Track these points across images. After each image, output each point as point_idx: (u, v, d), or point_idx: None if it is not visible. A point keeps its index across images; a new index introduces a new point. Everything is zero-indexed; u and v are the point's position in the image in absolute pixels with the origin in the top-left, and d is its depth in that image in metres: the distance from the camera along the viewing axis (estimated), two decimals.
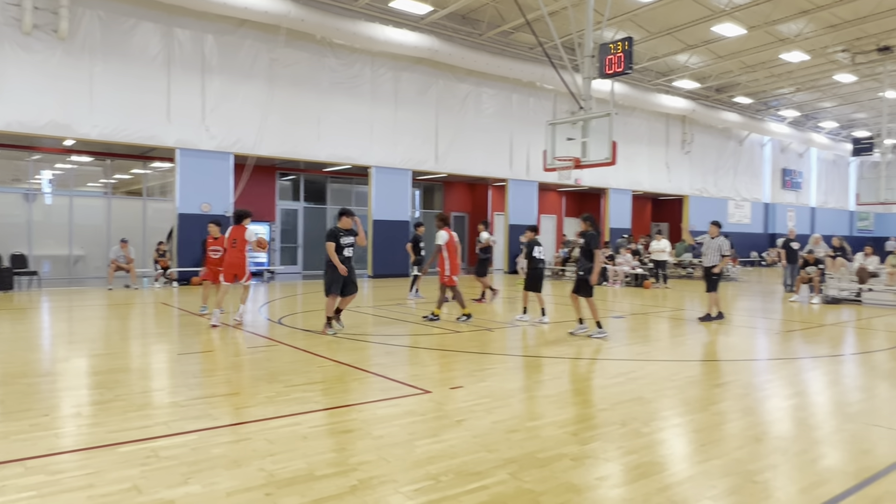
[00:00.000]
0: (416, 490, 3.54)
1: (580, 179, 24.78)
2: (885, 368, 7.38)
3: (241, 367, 6.95)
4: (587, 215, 9.60)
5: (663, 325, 10.93)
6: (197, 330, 9.31)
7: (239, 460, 3.96)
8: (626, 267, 19.42)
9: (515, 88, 23.61)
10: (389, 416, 5.00)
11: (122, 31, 15.99)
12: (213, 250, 11.04)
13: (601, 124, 13.15)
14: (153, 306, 12.47)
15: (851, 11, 19.52)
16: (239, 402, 5.36)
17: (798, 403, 5.69)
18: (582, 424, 4.86)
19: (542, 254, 10.45)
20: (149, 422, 4.73)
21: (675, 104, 27.28)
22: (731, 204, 33.02)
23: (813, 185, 38.40)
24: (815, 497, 3.54)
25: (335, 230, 8.82)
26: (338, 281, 8.77)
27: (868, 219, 42.00)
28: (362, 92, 19.95)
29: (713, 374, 6.88)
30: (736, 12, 19.19)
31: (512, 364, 7.29)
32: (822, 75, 26.33)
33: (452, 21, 20.33)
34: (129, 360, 7.21)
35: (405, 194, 21.27)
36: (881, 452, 4.31)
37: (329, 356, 7.40)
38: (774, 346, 9.08)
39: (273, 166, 21.61)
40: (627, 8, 18.81)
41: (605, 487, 3.67)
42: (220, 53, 17.40)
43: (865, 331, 10.56)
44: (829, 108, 32.77)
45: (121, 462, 3.90)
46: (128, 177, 20.22)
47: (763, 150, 34.90)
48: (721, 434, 4.68)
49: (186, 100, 16.94)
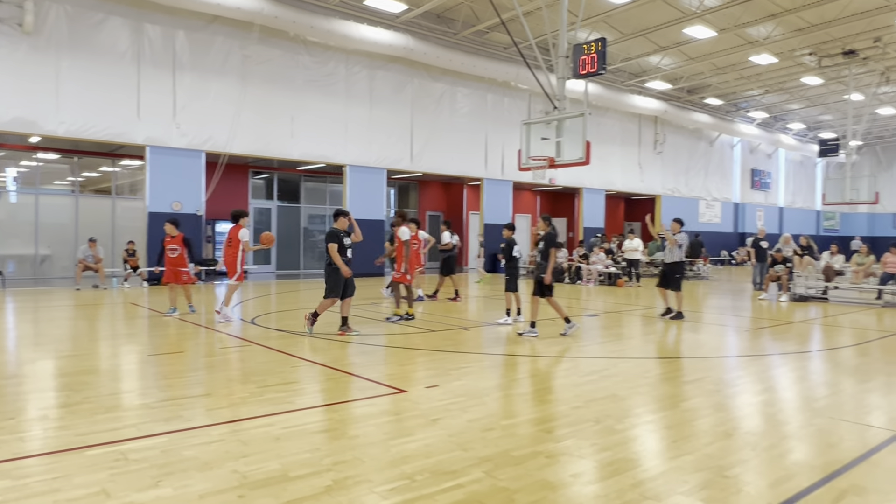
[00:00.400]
0: (391, 489, 3.53)
1: (554, 179, 24.94)
2: (850, 364, 7.56)
3: (214, 367, 6.85)
4: (545, 216, 9.75)
5: (636, 322, 11.05)
6: (167, 331, 9.16)
7: (211, 462, 3.90)
8: (599, 266, 19.60)
9: (490, 88, 23.68)
10: (364, 416, 4.97)
11: (90, 25, 15.67)
12: (171, 249, 10.94)
13: (575, 124, 13.26)
14: (122, 307, 12.24)
15: (817, 15, 19.96)
16: (211, 404, 5.28)
17: (767, 399, 5.80)
18: (556, 422, 4.89)
19: (518, 253, 10.50)
20: (117, 424, 4.64)
21: (648, 105, 27.63)
22: (702, 203, 33.54)
23: (781, 186, 39.19)
24: (783, 491, 3.61)
25: (336, 231, 8.80)
26: (340, 283, 8.73)
27: (834, 218, 43.00)
28: (337, 90, 19.83)
29: (685, 371, 6.97)
30: (707, 15, 19.48)
31: (487, 363, 7.31)
32: (790, 78, 26.89)
33: (427, 20, 20.31)
34: (97, 361, 7.06)
35: (380, 193, 21.19)
36: (847, 446, 4.41)
37: (303, 356, 7.34)
38: (744, 343, 9.25)
39: (246, 164, 21.38)
40: (601, 9, 18.98)
41: (580, 484, 3.70)
42: (192, 50, 17.14)
43: (832, 328, 10.80)
44: (797, 110, 33.48)
45: (89, 466, 3.82)
46: (96, 175, 19.82)
47: (733, 150, 35.51)
48: (692, 430, 4.74)
49: (157, 97, 16.65)
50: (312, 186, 23.80)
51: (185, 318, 10.35)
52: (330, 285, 8.80)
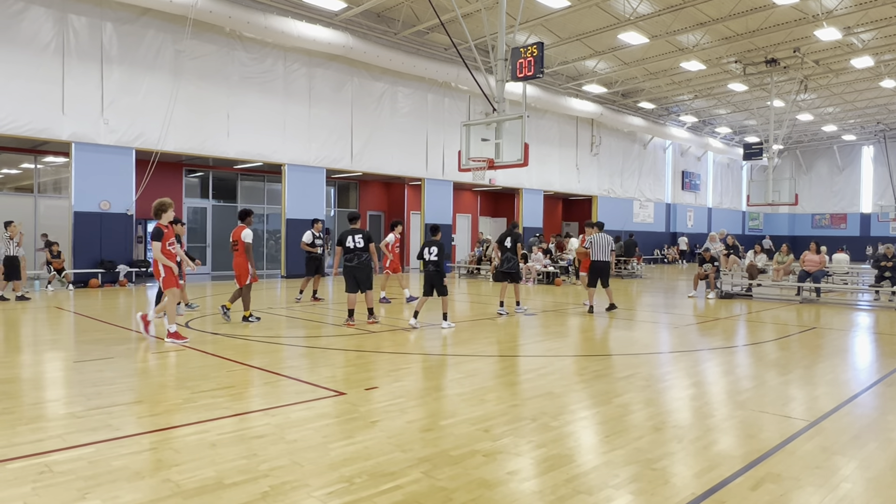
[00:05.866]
0: (329, 493, 3.52)
1: (494, 180, 25.26)
2: (772, 358, 7.98)
3: (145, 373, 6.64)
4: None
5: (573, 320, 11.33)
6: (96, 336, 8.81)
7: (142, 472, 3.79)
8: (538, 265, 19.96)
9: (431, 88, 23.75)
10: (302, 420, 4.93)
11: (9, 15, 14.87)
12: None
13: (514, 126, 13.45)
14: (46, 311, 11.67)
15: (742, 25, 20.93)
16: (142, 411, 5.13)
17: (694, 393, 6.06)
18: (494, 421, 4.98)
19: (434, 255, 10.03)
20: (41, 435, 4.44)
21: (585, 108, 28.32)
22: (636, 204, 34.63)
23: (710, 187, 40.88)
24: (707, 480, 3.79)
25: (342, 234, 9.97)
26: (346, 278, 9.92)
27: (758, 219, 45.18)
28: (274, 87, 19.47)
29: (618, 368, 7.21)
30: (640, 21, 20.13)
31: (427, 363, 7.36)
32: (717, 84, 28.09)
33: (367, 19, 20.20)
34: (18, 369, 6.72)
35: (320, 193, 20.94)
36: (765, 436, 4.67)
37: (239, 360, 7.20)
38: (674, 339, 9.62)
39: (180, 162, 20.73)
40: (539, 13, 19.33)
41: (516, 481, 3.78)
42: (121, 43, 16.49)
43: (755, 323, 11.36)
44: (724, 115, 35.00)
45: (10, 479, 3.65)
46: (17, 171, 18.82)
47: (665, 153, 36.81)
48: (624, 425, 4.92)
49: (83, 91, 15.95)
50: (250, 185, 23.30)
51: (118, 324, 9.97)
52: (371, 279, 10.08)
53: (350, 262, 9.81)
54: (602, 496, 3.55)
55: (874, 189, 41.46)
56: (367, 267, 9.93)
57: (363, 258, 9.85)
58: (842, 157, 42.58)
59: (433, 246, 9.98)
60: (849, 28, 20.90)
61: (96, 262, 16.55)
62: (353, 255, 9.81)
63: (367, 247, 9.88)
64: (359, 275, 9.85)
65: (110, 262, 16.68)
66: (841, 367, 7.52)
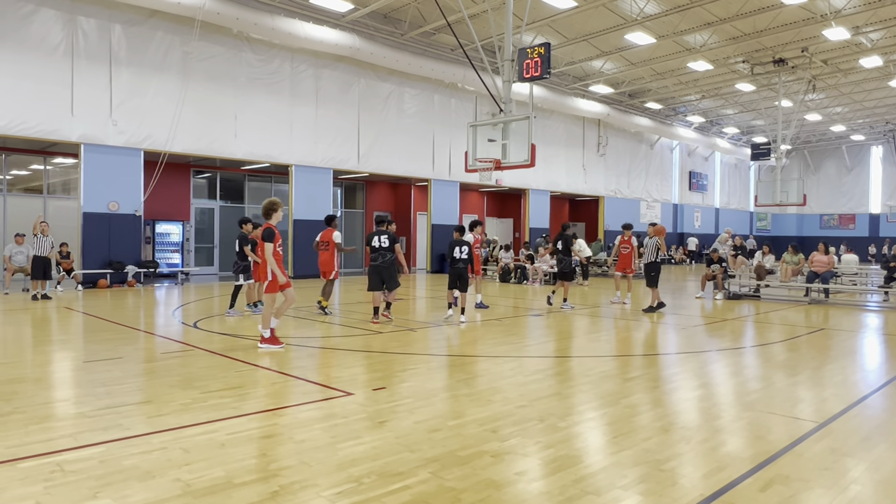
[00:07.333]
0: (338, 493, 3.54)
1: (501, 180, 25.25)
2: (780, 359, 7.95)
3: (154, 373, 6.68)
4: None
5: (581, 321, 11.31)
6: (105, 336, 8.86)
7: (152, 471, 3.82)
8: (544, 266, 19.93)
9: (437, 89, 23.77)
10: (311, 420, 4.95)
11: (19, 17, 14.98)
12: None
13: (521, 127, 13.46)
14: (56, 311, 11.75)
15: (750, 25, 20.86)
16: (152, 411, 5.16)
17: (702, 394, 6.05)
18: (502, 421, 4.98)
19: (465, 253, 10.78)
20: (52, 434, 4.48)
21: (591, 108, 28.27)
22: (643, 204, 34.54)
23: (717, 188, 40.74)
24: (715, 482, 3.79)
25: (369, 235, 10.51)
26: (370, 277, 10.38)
27: (766, 219, 44.99)
28: (282, 88, 19.54)
29: (625, 369, 7.20)
30: (646, 22, 20.09)
31: (434, 364, 7.36)
32: (725, 84, 28.00)
33: (374, 20, 20.24)
34: (29, 369, 6.78)
35: (327, 193, 21.00)
36: (774, 438, 4.65)
37: (247, 360, 7.23)
38: (682, 339, 9.59)
39: (188, 163, 20.82)
40: (545, 14, 19.32)
41: (524, 482, 3.79)
42: (129, 45, 16.59)
43: (763, 324, 11.32)
44: (731, 115, 34.88)
45: (22, 478, 3.68)
46: (26, 173, 18.94)
47: (672, 153, 36.71)
48: (632, 426, 4.91)
49: (92, 93, 16.05)
50: (257, 186, 23.37)
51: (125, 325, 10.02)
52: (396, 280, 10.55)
53: (375, 262, 10.33)
54: (610, 497, 3.55)
55: (883, 189, 41.23)
56: (392, 266, 10.46)
57: (387, 258, 10.37)
58: (850, 158, 42.35)
59: (464, 245, 10.84)
60: (857, 27, 20.79)
61: (105, 263, 16.65)
62: (378, 255, 10.32)
63: (392, 247, 10.43)
64: (384, 273, 10.33)
65: (119, 263, 16.78)
66: (850, 368, 7.48)
